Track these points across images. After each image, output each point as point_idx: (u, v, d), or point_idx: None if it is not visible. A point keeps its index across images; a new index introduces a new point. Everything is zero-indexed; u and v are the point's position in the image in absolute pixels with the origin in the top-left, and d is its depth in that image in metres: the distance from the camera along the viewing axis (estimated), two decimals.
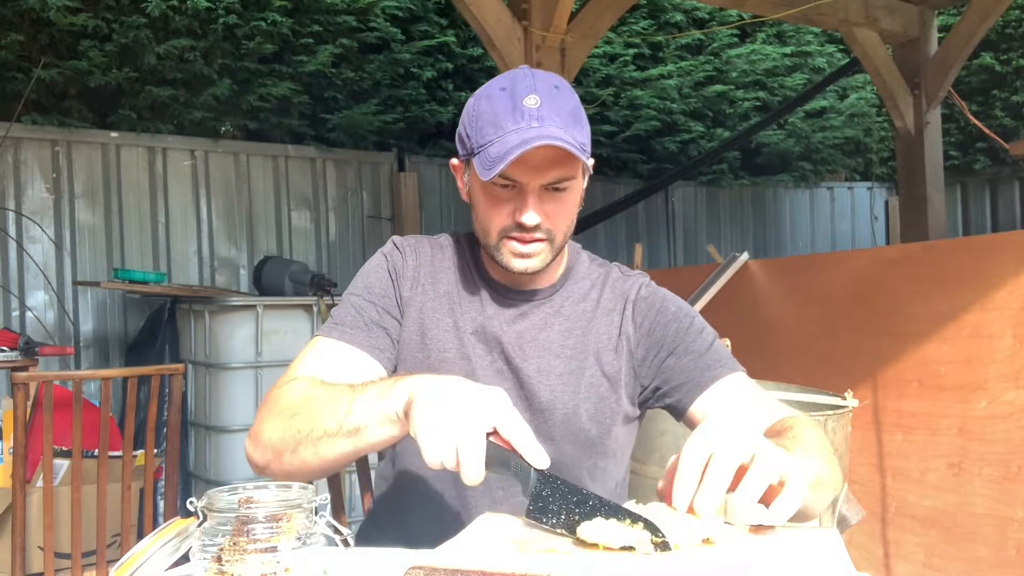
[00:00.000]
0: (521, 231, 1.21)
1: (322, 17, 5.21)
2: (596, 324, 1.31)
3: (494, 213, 1.22)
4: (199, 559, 0.82)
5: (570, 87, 1.25)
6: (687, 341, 1.28)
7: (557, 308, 1.32)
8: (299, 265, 4.17)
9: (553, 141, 1.13)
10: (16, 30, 4.39)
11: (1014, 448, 2.29)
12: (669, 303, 1.33)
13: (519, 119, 1.16)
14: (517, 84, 1.20)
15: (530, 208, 1.19)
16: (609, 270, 1.38)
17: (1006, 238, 2.64)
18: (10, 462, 2.43)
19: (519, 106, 1.17)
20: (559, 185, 1.20)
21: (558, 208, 1.22)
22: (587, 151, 1.21)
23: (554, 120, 1.16)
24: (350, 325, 1.28)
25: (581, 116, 1.22)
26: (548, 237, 1.22)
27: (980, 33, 4.69)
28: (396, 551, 1.09)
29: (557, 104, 1.18)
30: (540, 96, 1.17)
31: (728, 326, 2.56)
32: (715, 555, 0.85)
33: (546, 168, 1.18)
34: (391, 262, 1.34)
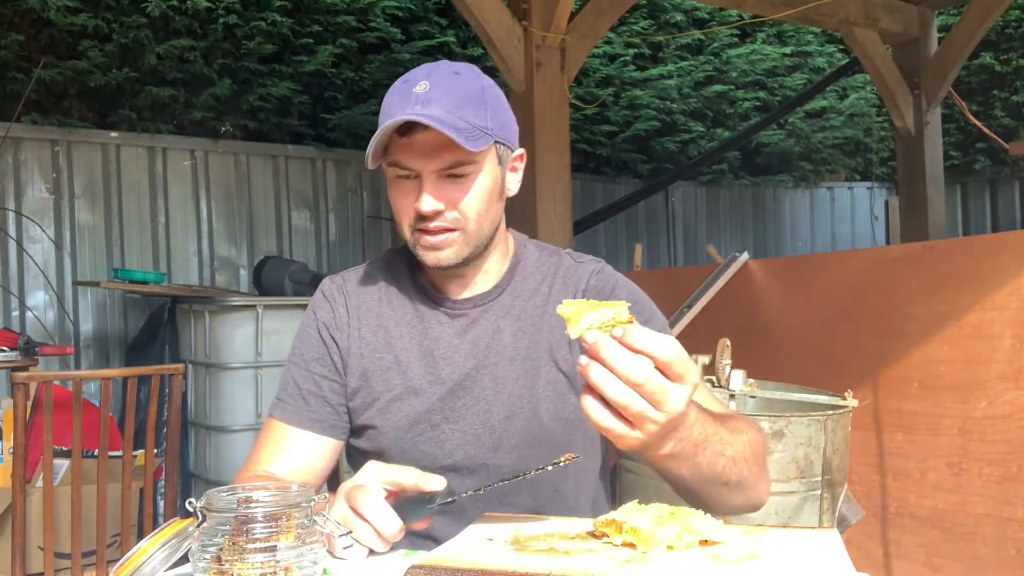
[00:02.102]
0: (423, 221, 1.17)
1: (322, 17, 5.21)
2: (548, 319, 1.25)
3: (401, 206, 1.20)
4: (198, 559, 0.82)
5: (478, 72, 1.21)
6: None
7: (507, 309, 1.27)
8: (299, 265, 4.17)
9: (418, 118, 1.09)
10: (16, 30, 4.38)
11: (1014, 448, 2.29)
12: (620, 291, 1.28)
13: (405, 105, 1.13)
14: (417, 74, 1.18)
15: (424, 194, 1.15)
16: (560, 259, 1.32)
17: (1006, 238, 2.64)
18: (10, 462, 2.42)
19: (408, 93, 1.14)
20: (456, 171, 1.16)
21: (460, 195, 1.17)
22: (491, 132, 1.16)
23: (441, 102, 1.12)
24: (290, 401, 1.28)
25: (484, 98, 1.17)
26: (458, 226, 1.18)
27: (980, 33, 4.69)
28: (396, 551, 1.09)
29: (451, 87, 1.14)
30: (432, 80, 1.14)
31: (728, 326, 2.56)
32: (714, 555, 0.85)
33: (437, 153, 1.14)
34: (320, 319, 1.31)
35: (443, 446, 1.23)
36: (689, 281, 3.35)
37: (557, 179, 3.53)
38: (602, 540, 0.89)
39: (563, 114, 3.58)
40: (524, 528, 0.95)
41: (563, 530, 0.95)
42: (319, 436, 1.27)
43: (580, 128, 6.13)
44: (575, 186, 4.11)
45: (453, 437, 1.23)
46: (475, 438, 1.23)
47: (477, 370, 1.24)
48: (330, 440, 1.27)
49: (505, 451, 1.22)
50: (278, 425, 1.28)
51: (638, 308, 1.24)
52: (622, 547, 0.86)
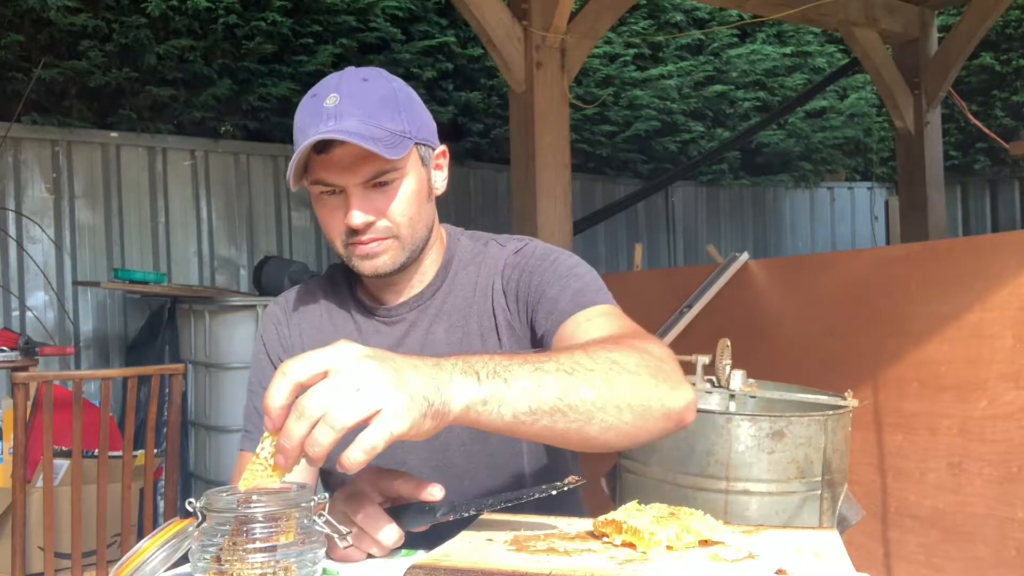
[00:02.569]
0: (355, 235, 1.15)
1: (322, 17, 5.21)
2: (475, 308, 1.24)
3: (330, 222, 1.17)
4: (198, 559, 0.82)
5: (386, 75, 1.19)
6: (545, 289, 1.18)
7: (440, 306, 1.25)
8: (299, 265, 4.17)
9: (333, 135, 1.07)
10: (16, 30, 4.39)
11: (1014, 448, 2.29)
12: (535, 258, 1.22)
13: (317, 121, 1.10)
14: (324, 86, 1.15)
15: (351, 209, 1.13)
16: (488, 246, 1.29)
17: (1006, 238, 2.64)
18: (10, 462, 2.42)
19: (319, 108, 1.11)
20: (380, 180, 1.13)
21: (388, 202, 1.15)
22: (409, 135, 1.14)
23: (353, 113, 1.10)
24: (256, 430, 1.27)
25: (397, 101, 1.15)
26: (391, 234, 1.16)
27: (980, 33, 4.69)
28: (396, 551, 1.09)
29: (361, 97, 1.12)
30: (340, 92, 1.12)
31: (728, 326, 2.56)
32: (714, 555, 0.85)
33: (357, 166, 1.12)
34: (268, 343, 1.30)
35: (394, 454, 1.22)
36: (689, 281, 3.35)
37: (557, 179, 3.53)
38: (602, 540, 0.89)
39: (563, 114, 3.58)
40: (524, 528, 0.95)
41: (563, 530, 0.95)
42: None
43: (580, 128, 6.13)
44: (575, 186, 4.10)
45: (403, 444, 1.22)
46: (423, 442, 1.22)
47: None
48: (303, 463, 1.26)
49: (455, 449, 1.21)
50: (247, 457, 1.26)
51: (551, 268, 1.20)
52: (622, 547, 0.87)
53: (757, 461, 1.79)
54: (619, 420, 0.90)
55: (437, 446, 1.22)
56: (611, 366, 0.90)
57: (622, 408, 0.90)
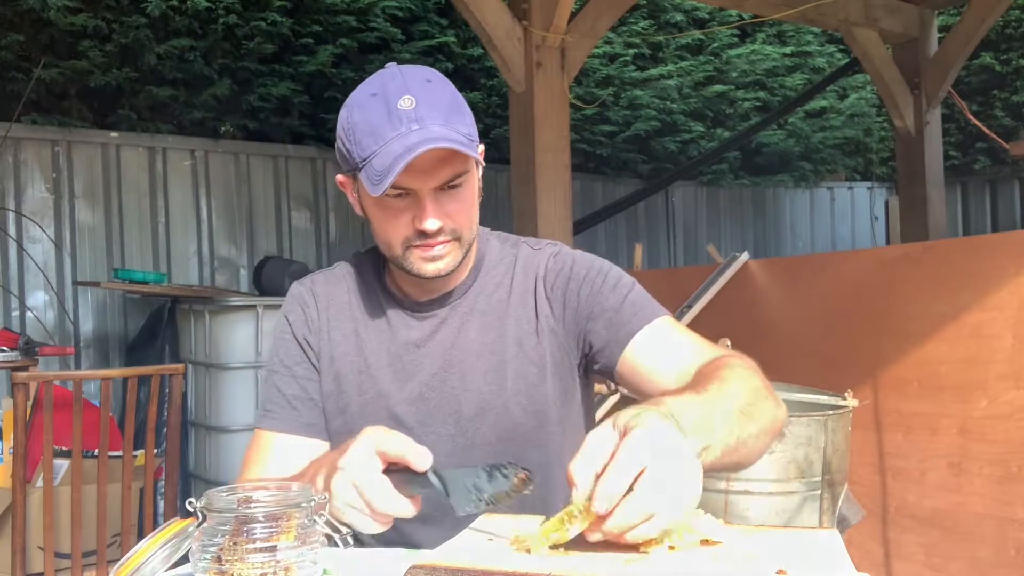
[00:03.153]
0: (424, 238, 1.15)
1: (322, 17, 5.21)
2: (512, 311, 1.25)
3: (392, 226, 1.16)
4: (198, 559, 0.82)
5: (442, 76, 1.18)
6: (601, 301, 1.21)
7: (472, 305, 1.26)
8: (299, 265, 4.17)
9: (438, 143, 1.07)
10: (16, 30, 4.39)
11: (1014, 448, 2.29)
12: (579, 267, 1.25)
13: (397, 124, 1.09)
14: (387, 87, 1.13)
15: (428, 213, 1.13)
16: (518, 248, 1.30)
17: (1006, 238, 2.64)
18: (10, 462, 2.42)
19: (394, 110, 1.10)
20: (454, 183, 1.14)
21: (458, 206, 1.16)
22: (474, 140, 1.15)
23: (434, 117, 1.10)
24: (277, 409, 1.26)
25: (460, 105, 1.15)
26: (455, 236, 1.17)
27: (980, 33, 4.69)
28: (396, 551, 1.09)
29: (433, 99, 1.12)
30: (414, 95, 1.11)
31: (728, 326, 2.56)
32: (714, 555, 0.85)
33: (437, 169, 1.12)
34: (294, 323, 1.30)
35: None
36: (689, 281, 3.35)
37: (557, 179, 3.53)
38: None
39: (563, 114, 3.58)
40: (524, 527, 0.95)
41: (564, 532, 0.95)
42: (313, 440, 1.25)
43: (580, 128, 6.13)
44: (575, 186, 4.10)
45: (426, 440, 1.22)
46: (448, 438, 1.22)
47: (445, 370, 1.23)
48: (323, 443, 1.26)
49: (479, 448, 1.22)
50: (268, 436, 1.26)
51: (600, 279, 1.23)
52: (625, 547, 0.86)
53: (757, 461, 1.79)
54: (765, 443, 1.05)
55: (462, 444, 1.22)
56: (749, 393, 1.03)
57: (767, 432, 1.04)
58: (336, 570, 0.97)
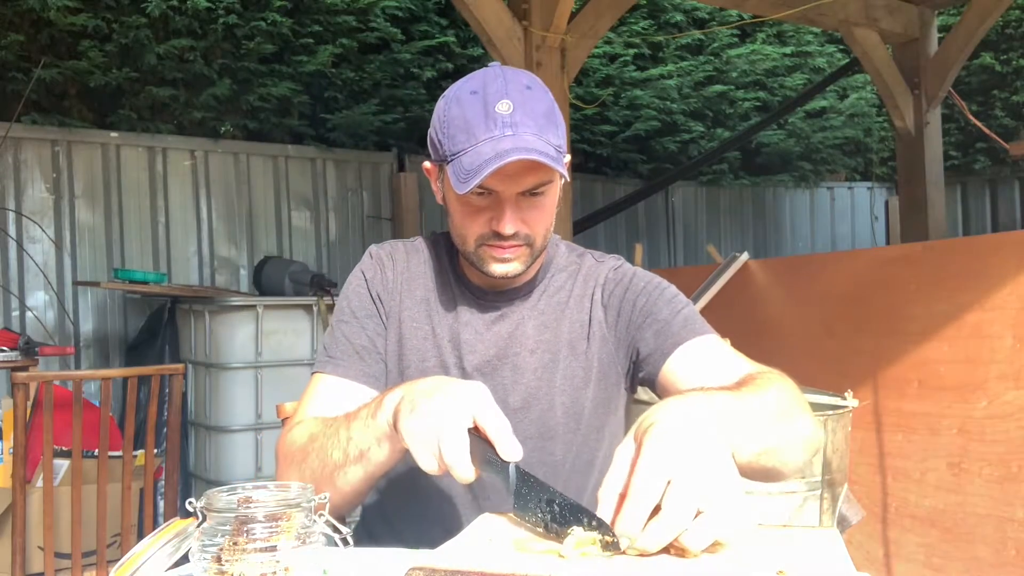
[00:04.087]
0: (499, 239, 1.18)
1: (322, 17, 5.21)
2: (569, 314, 1.29)
3: (470, 222, 1.19)
4: (199, 559, 0.82)
5: (542, 84, 1.21)
6: (654, 312, 1.24)
7: (534, 304, 1.30)
8: (299, 265, 4.17)
9: (528, 155, 1.09)
10: (16, 30, 4.39)
11: (1014, 448, 2.29)
12: (638, 279, 1.29)
13: (492, 127, 1.12)
14: (488, 87, 1.15)
15: (507, 218, 1.16)
16: (583, 258, 1.35)
17: (1006, 238, 2.64)
18: (10, 462, 2.42)
19: (491, 112, 1.12)
20: (536, 191, 1.17)
21: (537, 214, 1.19)
22: (563, 151, 1.17)
23: (528, 126, 1.12)
24: (343, 357, 1.26)
25: (555, 115, 1.18)
26: (527, 242, 1.20)
27: (980, 33, 4.69)
28: (396, 551, 1.09)
29: (530, 107, 1.14)
30: (512, 100, 1.13)
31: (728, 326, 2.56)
32: (714, 556, 0.85)
33: (522, 176, 1.14)
34: (371, 279, 1.32)
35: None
36: (689, 281, 3.35)
37: None
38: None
39: (563, 114, 3.57)
40: (524, 528, 0.95)
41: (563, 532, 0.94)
42: (372, 391, 1.24)
43: (580, 128, 6.13)
44: (575, 186, 4.11)
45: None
46: (533, 431, 1.25)
47: (499, 359, 1.26)
48: None
49: (557, 439, 1.25)
50: (330, 380, 1.25)
51: (657, 292, 1.27)
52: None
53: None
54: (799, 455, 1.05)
55: (544, 432, 1.25)
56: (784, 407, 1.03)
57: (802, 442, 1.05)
58: (336, 570, 0.97)
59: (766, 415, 0.99)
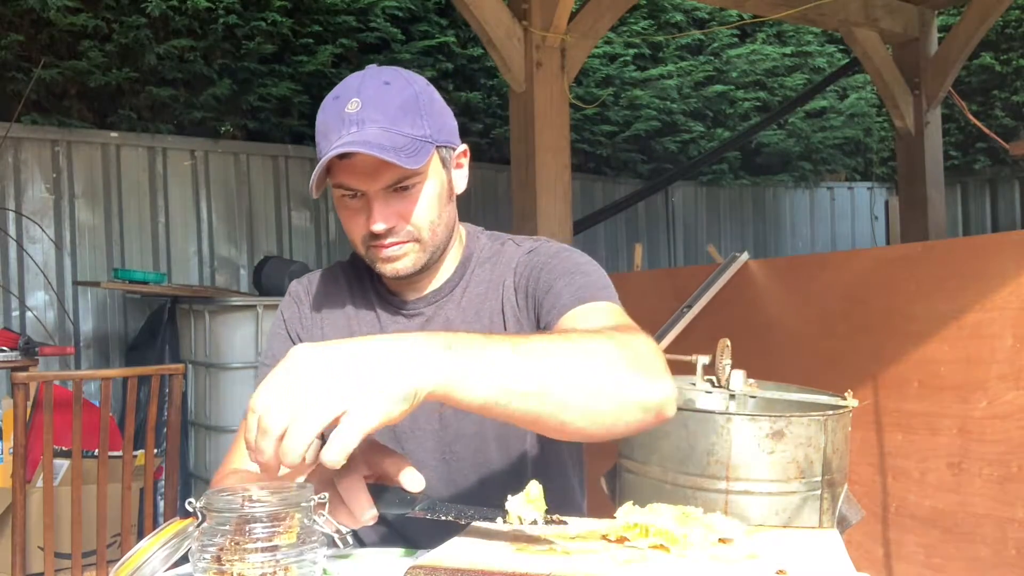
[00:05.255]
0: (377, 239, 1.17)
1: (322, 17, 5.21)
2: (488, 305, 1.26)
3: (352, 224, 1.18)
4: (198, 559, 0.82)
5: (408, 77, 1.19)
6: (553, 284, 1.19)
7: (458, 301, 1.28)
8: (299, 265, 4.17)
9: (355, 148, 1.07)
10: (16, 30, 4.39)
11: (1014, 448, 2.29)
12: (546, 256, 1.24)
13: (340, 127, 1.12)
14: (346, 89, 1.16)
15: (374, 216, 1.14)
16: (505, 245, 1.31)
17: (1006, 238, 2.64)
18: (10, 462, 2.42)
19: (341, 113, 1.13)
20: (403, 184, 1.14)
21: (409, 207, 1.16)
22: (431, 139, 1.14)
23: (375, 120, 1.11)
24: None
25: (418, 106, 1.15)
26: (413, 237, 1.18)
27: (980, 33, 4.69)
28: (396, 551, 1.09)
29: (382, 102, 1.13)
30: (362, 97, 1.13)
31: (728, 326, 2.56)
32: (714, 556, 0.85)
33: (379, 172, 1.12)
34: (288, 319, 1.32)
35: (403, 444, 1.24)
36: (689, 281, 3.35)
37: (557, 179, 3.53)
38: (624, 544, 0.88)
39: (563, 114, 3.58)
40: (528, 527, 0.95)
41: (563, 530, 0.95)
42: None
43: (580, 128, 6.13)
44: (575, 186, 4.10)
45: (413, 436, 1.25)
46: (432, 433, 1.24)
47: None
48: None
49: (463, 442, 1.24)
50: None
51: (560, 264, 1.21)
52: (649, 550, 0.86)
53: (757, 461, 1.79)
54: (594, 407, 0.88)
55: (446, 438, 1.24)
56: (587, 352, 0.89)
57: (596, 395, 0.88)
58: (336, 570, 0.97)
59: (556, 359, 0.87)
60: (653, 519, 0.88)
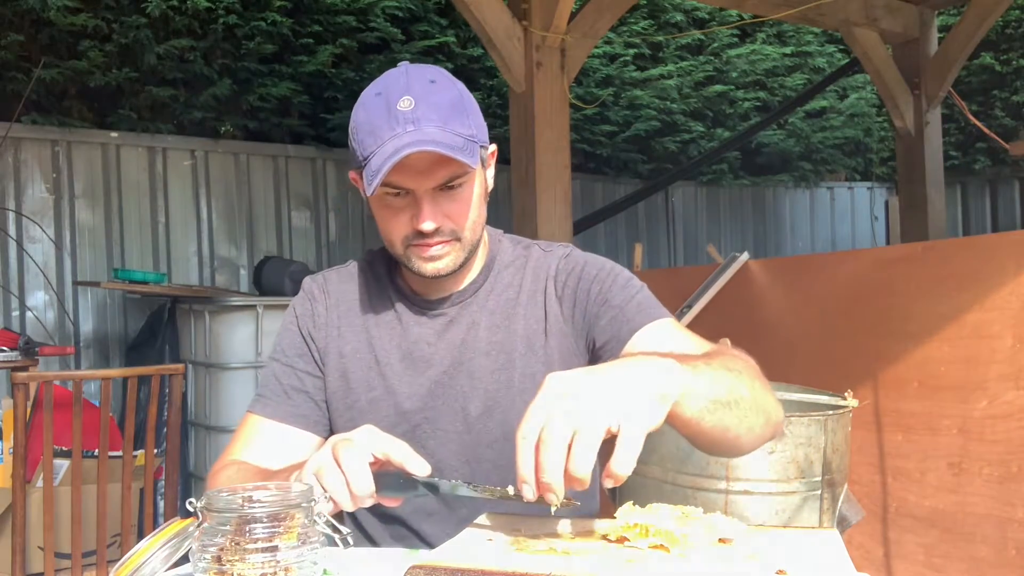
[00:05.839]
0: (422, 237, 1.16)
1: (322, 17, 5.21)
2: (521, 311, 1.26)
3: (393, 224, 1.18)
4: (199, 559, 0.82)
5: (449, 76, 1.19)
6: (609, 299, 1.22)
7: (483, 304, 1.27)
8: (299, 265, 4.17)
9: (425, 147, 1.08)
10: (16, 30, 4.39)
11: (1014, 448, 2.29)
12: (589, 267, 1.26)
13: (394, 125, 1.11)
14: (390, 86, 1.15)
15: (425, 214, 1.14)
16: (530, 250, 1.32)
17: (1006, 238, 2.64)
18: (10, 462, 2.43)
19: (393, 110, 1.12)
20: (452, 183, 1.15)
21: (457, 207, 1.17)
22: (477, 140, 1.16)
23: (431, 119, 1.11)
24: (272, 396, 1.27)
25: (464, 105, 1.16)
26: (454, 237, 1.18)
27: (980, 33, 4.69)
28: (396, 551, 1.09)
29: (434, 100, 1.13)
30: (414, 95, 1.12)
31: (728, 326, 2.56)
32: (714, 555, 0.85)
33: (432, 170, 1.13)
34: (301, 316, 1.31)
35: (425, 445, 1.24)
36: (689, 281, 3.35)
37: (557, 179, 3.53)
38: (624, 544, 0.88)
39: (563, 114, 3.57)
40: (524, 528, 0.95)
41: (564, 530, 0.95)
42: (300, 431, 1.26)
43: (580, 128, 6.13)
44: (575, 186, 4.11)
45: (435, 436, 1.24)
46: (456, 435, 1.24)
47: (454, 367, 1.24)
48: (312, 436, 1.26)
49: (485, 446, 1.23)
50: (257, 420, 1.27)
51: (610, 279, 1.24)
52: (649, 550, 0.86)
53: (757, 461, 1.79)
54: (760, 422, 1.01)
55: (469, 442, 1.24)
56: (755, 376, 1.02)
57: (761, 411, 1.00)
58: (336, 570, 0.97)
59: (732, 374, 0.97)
60: (653, 519, 0.88)
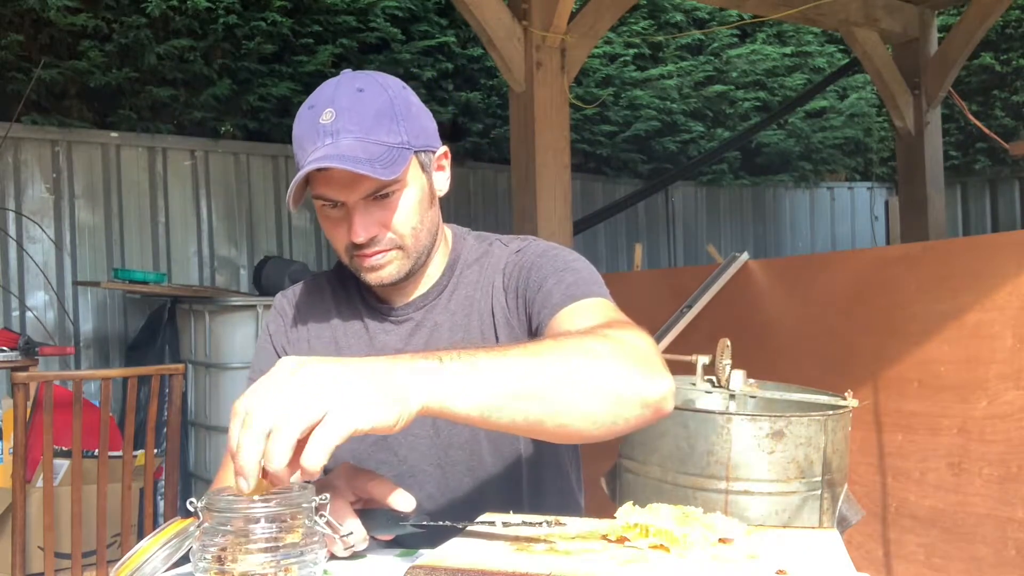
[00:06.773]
0: (359, 249, 1.15)
1: (322, 17, 5.21)
2: (476, 307, 1.24)
3: (334, 234, 1.17)
4: (199, 559, 0.82)
5: (384, 82, 1.16)
6: (544, 284, 1.17)
7: (446, 305, 1.26)
8: (299, 265, 4.17)
9: (329, 163, 1.05)
10: (16, 30, 4.39)
11: (1014, 448, 2.29)
12: (534, 255, 1.22)
13: (315, 138, 1.10)
14: (319, 98, 1.13)
15: (355, 226, 1.13)
16: (492, 246, 1.29)
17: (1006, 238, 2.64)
18: (10, 462, 2.43)
19: (315, 123, 1.10)
20: (381, 193, 1.12)
21: (392, 215, 1.14)
22: (409, 145, 1.13)
23: (350, 130, 1.09)
24: None
25: (395, 112, 1.13)
26: (394, 245, 1.16)
27: (980, 33, 4.69)
28: (396, 551, 1.09)
29: (358, 110, 1.10)
30: (336, 107, 1.10)
31: (728, 326, 2.56)
32: (714, 556, 0.85)
33: (357, 182, 1.10)
34: (274, 334, 1.32)
35: (397, 452, 1.24)
36: (689, 281, 3.35)
37: (557, 179, 3.53)
38: (624, 544, 0.88)
39: (563, 114, 3.58)
40: (524, 528, 0.95)
41: (563, 530, 0.95)
42: None
43: (580, 128, 6.13)
44: (575, 186, 4.10)
45: (405, 442, 1.24)
46: (426, 439, 1.24)
47: None
48: None
49: (456, 448, 1.23)
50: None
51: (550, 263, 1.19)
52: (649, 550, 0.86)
53: (757, 461, 1.79)
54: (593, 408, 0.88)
55: (440, 444, 1.23)
56: (582, 352, 0.89)
57: (594, 395, 0.87)
58: (336, 571, 0.97)
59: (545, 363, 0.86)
60: (653, 519, 0.88)
